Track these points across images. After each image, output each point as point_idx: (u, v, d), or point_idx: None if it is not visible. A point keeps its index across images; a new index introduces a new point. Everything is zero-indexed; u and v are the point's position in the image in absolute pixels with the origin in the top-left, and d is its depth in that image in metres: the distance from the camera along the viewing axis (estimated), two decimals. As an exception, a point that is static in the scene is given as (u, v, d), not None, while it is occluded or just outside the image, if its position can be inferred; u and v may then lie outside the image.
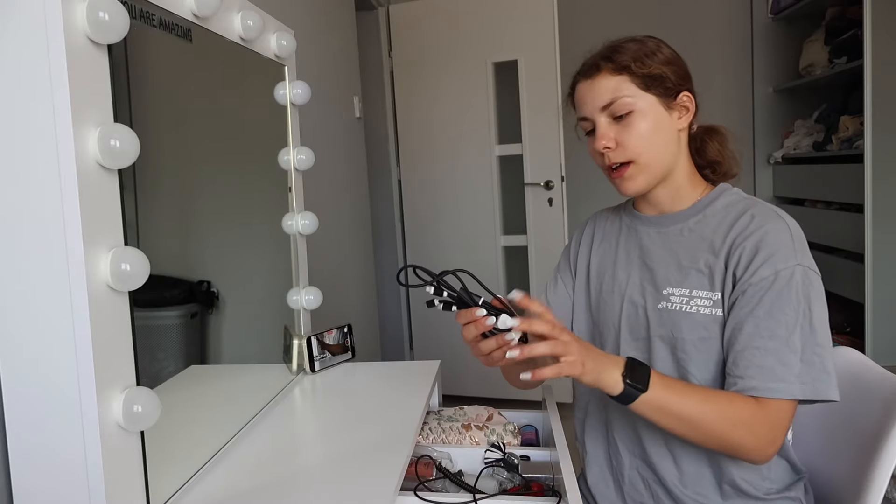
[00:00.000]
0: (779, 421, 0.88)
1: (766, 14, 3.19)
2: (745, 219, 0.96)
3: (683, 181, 1.03)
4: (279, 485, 0.88)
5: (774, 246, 0.91)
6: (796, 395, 0.87)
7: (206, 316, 1.06)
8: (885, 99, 2.34)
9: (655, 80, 0.97)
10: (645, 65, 0.97)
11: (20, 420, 0.70)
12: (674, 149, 1.00)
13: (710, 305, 0.95)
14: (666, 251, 1.02)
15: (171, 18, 0.89)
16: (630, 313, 1.03)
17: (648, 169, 0.99)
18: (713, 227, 0.98)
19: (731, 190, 1.03)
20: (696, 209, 1.02)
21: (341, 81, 2.37)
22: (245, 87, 1.23)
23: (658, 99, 0.98)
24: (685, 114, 1.00)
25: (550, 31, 2.86)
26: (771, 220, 0.94)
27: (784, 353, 0.88)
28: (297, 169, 1.34)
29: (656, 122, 0.98)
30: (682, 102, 1.00)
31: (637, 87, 0.97)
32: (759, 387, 0.88)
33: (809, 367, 0.88)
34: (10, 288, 0.68)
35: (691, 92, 1.01)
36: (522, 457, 1.07)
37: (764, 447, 0.89)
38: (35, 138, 0.65)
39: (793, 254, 0.90)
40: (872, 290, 2.42)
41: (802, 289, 0.90)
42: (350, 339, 1.42)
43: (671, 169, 1.01)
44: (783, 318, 0.89)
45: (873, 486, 0.93)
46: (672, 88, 0.98)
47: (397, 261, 3.33)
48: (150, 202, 0.88)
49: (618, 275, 1.07)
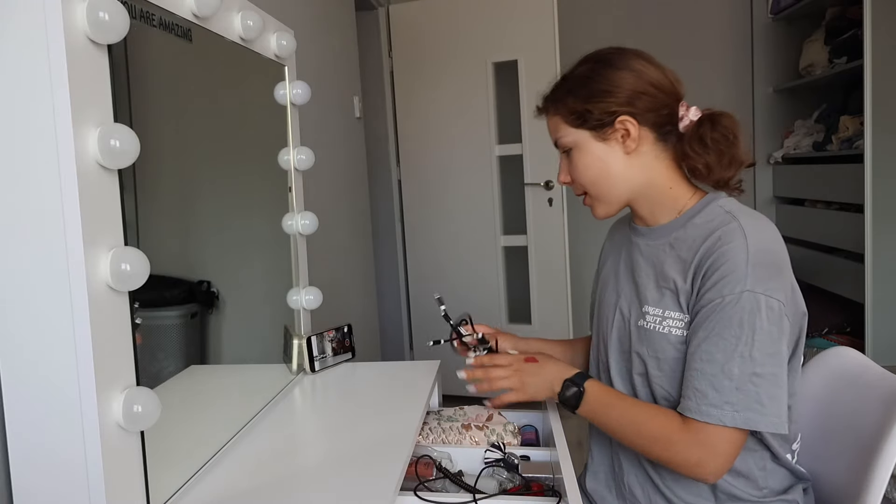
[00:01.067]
0: (713, 445, 0.88)
1: (766, 14, 3.19)
2: (713, 239, 0.92)
3: (660, 197, 1.00)
4: (279, 485, 0.88)
5: (726, 269, 0.88)
6: (726, 423, 0.87)
7: (206, 316, 1.06)
8: (885, 99, 2.34)
9: (581, 117, 0.98)
10: (567, 104, 0.99)
11: (20, 420, 0.70)
12: (627, 174, 0.99)
13: (682, 327, 0.95)
14: (650, 266, 1.01)
15: (171, 18, 0.89)
16: (619, 325, 1.05)
17: (603, 198, 1.02)
18: (688, 246, 0.95)
19: (719, 201, 0.98)
20: (681, 222, 0.99)
21: (341, 81, 2.37)
22: (245, 87, 1.23)
23: (591, 133, 0.98)
24: (626, 138, 0.97)
25: (550, 31, 2.86)
26: (733, 240, 0.90)
27: (718, 380, 0.88)
28: (297, 169, 1.34)
29: (594, 156, 0.99)
30: (620, 128, 0.96)
31: (570, 125, 0.99)
32: (692, 408, 0.89)
33: (744, 396, 0.87)
34: (11, 288, 0.68)
35: (632, 112, 0.96)
36: (522, 457, 1.07)
37: (689, 468, 0.91)
38: (35, 138, 0.65)
39: (742, 279, 0.87)
40: (872, 290, 2.42)
41: (747, 316, 0.87)
42: (350, 339, 1.42)
43: (637, 190, 1.00)
44: (721, 344, 0.88)
45: (873, 486, 0.93)
46: (600, 120, 0.96)
47: (397, 261, 3.33)
48: (150, 202, 0.88)
49: (616, 286, 1.08)
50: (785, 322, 0.89)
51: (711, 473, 0.90)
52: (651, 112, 0.96)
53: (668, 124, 0.98)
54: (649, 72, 0.97)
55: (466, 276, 3.16)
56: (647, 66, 0.97)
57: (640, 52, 1.00)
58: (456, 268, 3.18)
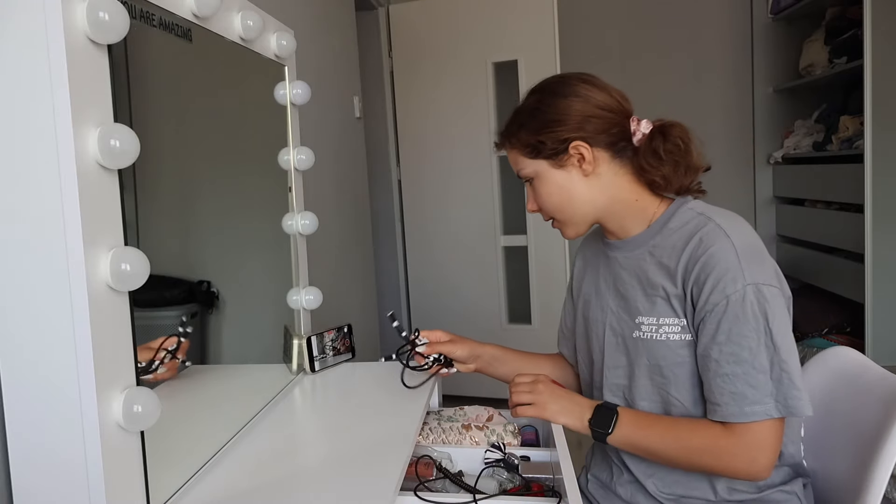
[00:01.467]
0: (759, 442, 0.90)
1: (766, 14, 3.19)
2: (695, 242, 0.94)
3: (628, 211, 1.02)
4: (279, 485, 0.88)
5: (721, 270, 0.90)
6: (772, 415, 0.89)
7: (206, 316, 1.06)
8: (885, 99, 2.34)
9: (536, 148, 1.01)
10: (521, 138, 1.02)
11: (20, 420, 0.70)
12: (590, 196, 1.01)
13: (679, 331, 0.96)
14: (633, 277, 1.02)
15: (171, 18, 0.89)
16: (611, 342, 1.06)
17: (570, 221, 1.04)
18: (669, 252, 0.98)
19: (687, 205, 1.01)
20: (655, 229, 1.01)
21: (341, 81, 2.37)
22: (245, 87, 1.23)
23: (548, 161, 1.01)
24: (580, 163, 0.99)
25: (550, 31, 2.86)
26: (717, 240, 0.92)
27: (752, 376, 0.89)
28: (297, 169, 1.34)
29: (554, 183, 1.02)
30: (575, 153, 0.99)
31: (527, 157, 1.03)
32: (735, 413, 0.90)
33: (779, 385, 0.89)
34: (11, 288, 0.68)
35: (584, 136, 0.98)
36: (522, 457, 1.07)
37: (743, 469, 0.91)
38: (35, 138, 0.65)
39: (741, 274, 0.90)
40: (872, 290, 2.42)
41: (758, 308, 0.89)
42: (350, 339, 1.42)
43: (603, 208, 1.02)
44: (744, 342, 0.89)
45: (873, 486, 0.93)
46: (554, 148, 0.99)
47: (397, 261, 3.33)
48: (150, 202, 0.88)
49: (600, 303, 1.09)
50: (785, 303, 0.92)
51: (765, 468, 0.91)
52: (602, 133, 0.99)
53: (622, 141, 1.00)
54: (595, 95, 0.99)
55: (466, 276, 3.16)
56: (591, 89, 1.00)
57: (583, 76, 1.02)
58: (456, 268, 3.18)
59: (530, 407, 1.04)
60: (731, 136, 3.28)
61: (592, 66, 3.70)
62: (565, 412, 1.02)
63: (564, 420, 1.02)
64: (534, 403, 1.04)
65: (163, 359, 0.89)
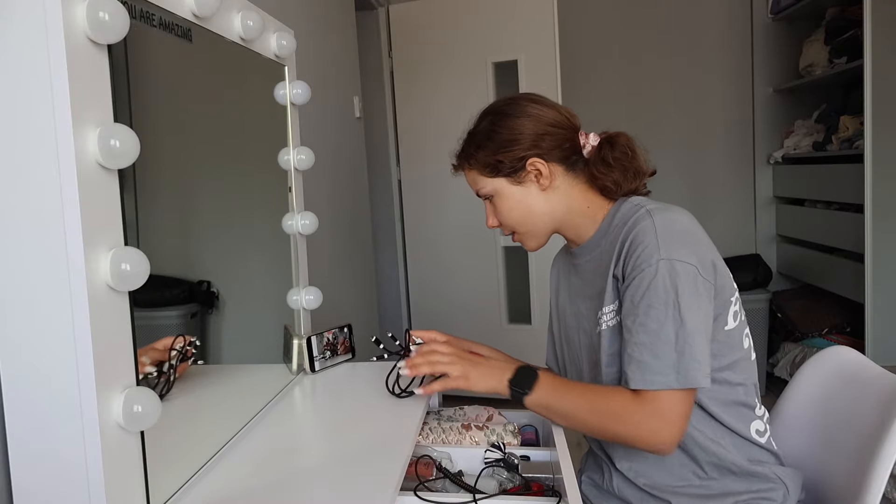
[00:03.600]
0: (665, 411, 0.92)
1: (766, 14, 3.19)
2: (628, 227, 0.99)
3: (580, 218, 1.07)
4: (279, 485, 0.88)
5: (639, 247, 0.95)
6: (672, 385, 0.91)
7: (206, 316, 1.06)
8: (885, 99, 2.34)
9: (494, 167, 1.05)
10: (479, 159, 1.06)
11: (20, 420, 0.70)
12: (548, 208, 1.06)
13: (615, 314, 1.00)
14: (594, 276, 1.06)
15: (171, 18, 0.89)
16: (585, 343, 1.09)
17: (531, 233, 1.09)
18: (612, 242, 1.02)
19: (627, 201, 1.05)
20: (604, 228, 1.06)
21: (341, 81, 2.37)
22: (245, 87, 1.23)
23: (506, 179, 1.05)
24: (537, 179, 1.04)
25: (550, 31, 2.86)
26: (641, 221, 0.97)
27: (657, 346, 0.92)
28: (297, 169, 1.34)
29: (514, 199, 1.06)
30: (532, 169, 1.04)
31: (485, 176, 1.07)
32: (637, 379, 0.93)
33: (682, 357, 0.92)
34: (10, 288, 0.68)
35: (539, 153, 1.03)
36: (522, 457, 1.07)
37: (645, 439, 0.94)
38: (35, 138, 0.65)
39: (655, 250, 0.94)
40: (872, 290, 2.42)
41: (669, 280, 0.92)
42: (350, 339, 1.42)
43: (560, 219, 1.07)
44: (653, 313, 0.93)
45: (872, 486, 0.93)
46: (512, 166, 1.04)
47: (397, 261, 3.33)
48: (150, 202, 0.88)
49: (573, 309, 1.13)
50: (700, 282, 0.94)
51: (667, 442, 0.93)
52: (556, 149, 1.04)
53: (573, 154, 1.06)
54: (545, 113, 1.05)
55: (466, 277, 3.16)
56: (541, 108, 1.06)
57: (531, 96, 1.08)
58: (456, 268, 3.18)
59: (451, 378, 1.03)
60: (731, 135, 3.28)
61: (592, 66, 3.68)
62: (486, 376, 1.03)
63: (485, 384, 1.02)
64: (454, 375, 1.03)
65: (173, 362, 0.90)
